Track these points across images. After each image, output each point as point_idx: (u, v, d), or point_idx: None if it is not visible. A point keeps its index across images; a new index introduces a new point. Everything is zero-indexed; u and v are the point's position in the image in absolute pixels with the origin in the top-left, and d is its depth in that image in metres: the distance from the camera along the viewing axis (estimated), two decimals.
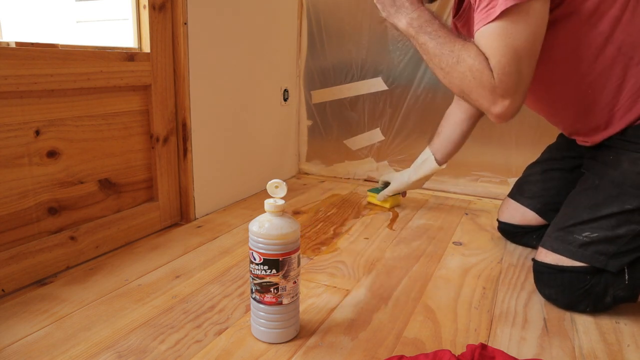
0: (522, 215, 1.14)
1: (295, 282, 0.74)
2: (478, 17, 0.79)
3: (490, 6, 0.76)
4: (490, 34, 0.77)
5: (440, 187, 1.64)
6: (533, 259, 0.93)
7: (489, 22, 0.76)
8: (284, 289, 0.72)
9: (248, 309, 0.82)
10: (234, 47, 1.37)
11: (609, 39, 0.83)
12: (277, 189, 0.73)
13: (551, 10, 0.80)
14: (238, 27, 1.37)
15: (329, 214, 1.39)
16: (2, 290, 0.87)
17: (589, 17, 0.82)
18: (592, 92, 0.88)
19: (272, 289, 0.72)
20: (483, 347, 0.69)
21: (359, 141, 1.76)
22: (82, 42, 0.99)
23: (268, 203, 0.72)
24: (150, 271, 0.99)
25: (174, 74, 1.20)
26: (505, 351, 0.72)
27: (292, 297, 0.74)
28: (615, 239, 0.83)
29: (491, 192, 1.58)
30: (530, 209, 1.13)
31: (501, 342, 0.77)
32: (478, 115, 1.22)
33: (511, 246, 1.18)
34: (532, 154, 1.25)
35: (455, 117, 1.24)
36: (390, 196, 1.43)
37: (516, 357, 0.70)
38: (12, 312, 0.82)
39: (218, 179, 1.38)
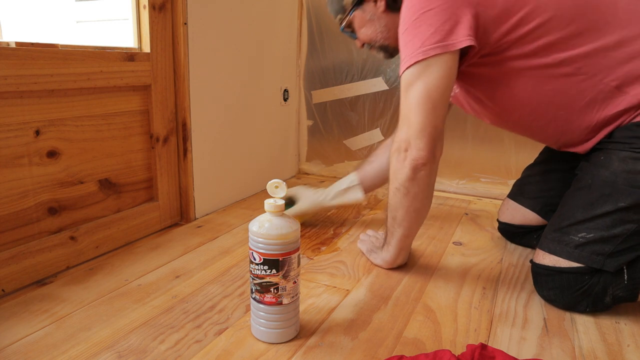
0: (523, 215, 1.14)
1: (295, 282, 0.74)
2: None
3: (401, 62, 0.88)
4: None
5: (440, 187, 1.64)
6: (531, 261, 0.93)
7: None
8: (284, 289, 0.72)
9: (248, 309, 0.82)
10: (234, 47, 1.37)
11: (564, 63, 0.85)
12: (277, 189, 0.73)
13: (485, 57, 0.87)
14: (238, 27, 1.37)
15: (328, 213, 1.39)
16: (2, 290, 0.87)
17: (535, 53, 0.85)
18: (564, 112, 0.90)
19: (272, 289, 0.72)
20: (483, 347, 0.69)
21: (358, 141, 1.76)
22: (82, 42, 0.99)
23: (268, 203, 0.72)
24: (150, 271, 0.99)
25: (174, 74, 1.20)
26: (505, 351, 0.72)
27: (292, 297, 0.74)
28: (611, 239, 0.83)
29: (491, 192, 1.58)
30: (531, 209, 1.13)
31: (501, 342, 0.77)
32: None
33: (511, 246, 1.18)
34: (531, 155, 1.25)
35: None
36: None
37: (516, 357, 0.70)
38: (12, 312, 0.82)
39: (218, 179, 1.38)
